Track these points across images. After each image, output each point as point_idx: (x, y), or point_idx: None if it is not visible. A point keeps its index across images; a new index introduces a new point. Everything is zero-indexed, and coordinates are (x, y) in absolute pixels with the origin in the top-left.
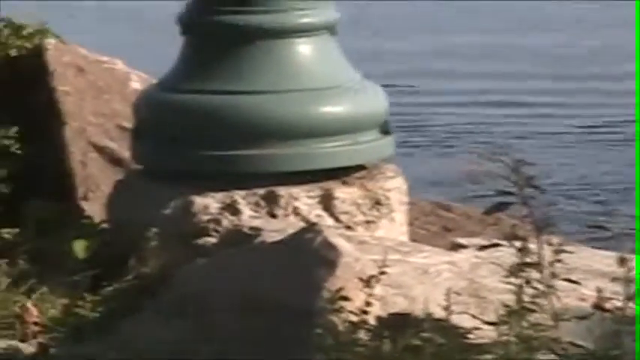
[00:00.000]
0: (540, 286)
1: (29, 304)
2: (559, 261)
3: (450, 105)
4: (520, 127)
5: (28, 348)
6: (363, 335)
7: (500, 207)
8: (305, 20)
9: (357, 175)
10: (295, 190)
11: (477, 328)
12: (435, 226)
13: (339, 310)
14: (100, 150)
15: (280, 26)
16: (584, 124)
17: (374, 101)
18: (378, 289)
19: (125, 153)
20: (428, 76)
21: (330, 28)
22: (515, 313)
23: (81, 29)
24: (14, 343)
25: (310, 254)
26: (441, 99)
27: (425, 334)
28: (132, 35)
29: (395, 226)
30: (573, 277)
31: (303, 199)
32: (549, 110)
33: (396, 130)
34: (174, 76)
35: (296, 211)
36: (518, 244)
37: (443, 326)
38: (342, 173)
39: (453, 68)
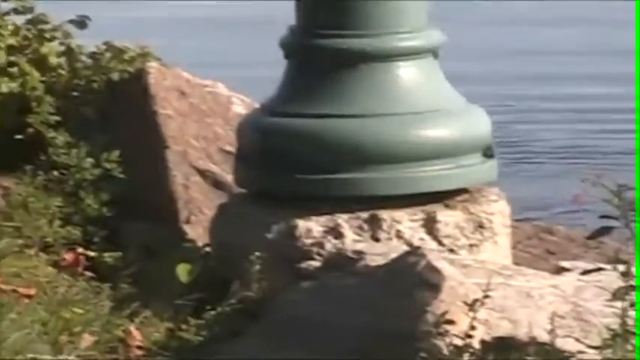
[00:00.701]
0: None
1: (132, 328)
2: None
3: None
4: (622, 141)
5: None
6: (467, 359)
7: (604, 231)
8: (408, 44)
9: (460, 198)
10: (398, 214)
11: (581, 352)
12: (537, 249)
13: (444, 333)
14: (203, 173)
15: (383, 50)
16: None
17: (477, 124)
18: (482, 313)
19: (227, 176)
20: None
21: (434, 52)
22: (620, 336)
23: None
24: None
25: (414, 278)
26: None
27: (529, 358)
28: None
29: (498, 250)
30: None
31: (406, 223)
32: None
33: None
34: (277, 100)
35: (399, 235)
36: (621, 267)
37: (547, 350)
38: (444, 197)
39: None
